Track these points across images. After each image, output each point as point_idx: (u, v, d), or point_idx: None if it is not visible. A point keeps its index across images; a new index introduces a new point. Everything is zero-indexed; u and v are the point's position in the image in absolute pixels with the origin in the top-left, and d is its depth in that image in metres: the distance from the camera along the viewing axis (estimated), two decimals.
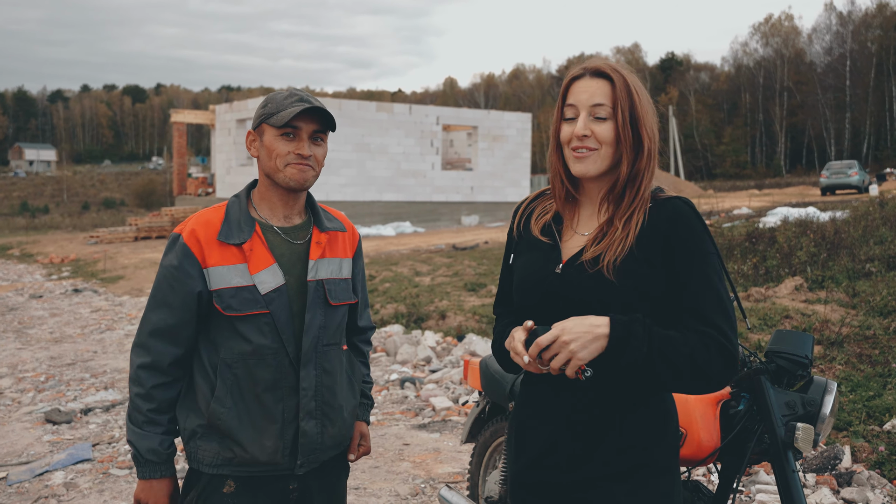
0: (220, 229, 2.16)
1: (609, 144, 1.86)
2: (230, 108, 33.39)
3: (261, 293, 2.14)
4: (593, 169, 1.87)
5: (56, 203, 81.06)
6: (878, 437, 4.76)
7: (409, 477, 4.87)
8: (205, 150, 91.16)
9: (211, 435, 2.16)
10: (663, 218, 1.86)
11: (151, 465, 2.16)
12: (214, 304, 2.13)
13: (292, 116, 2.11)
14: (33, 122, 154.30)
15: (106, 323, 11.27)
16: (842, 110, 75.06)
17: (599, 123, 1.85)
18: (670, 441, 1.92)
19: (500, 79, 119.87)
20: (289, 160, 2.15)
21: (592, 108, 1.86)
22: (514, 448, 2.00)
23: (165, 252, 2.19)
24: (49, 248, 26.74)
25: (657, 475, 1.88)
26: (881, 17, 75.97)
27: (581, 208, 1.98)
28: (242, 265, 2.15)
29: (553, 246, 1.93)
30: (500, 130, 33.97)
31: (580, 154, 1.87)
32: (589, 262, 1.85)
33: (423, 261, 15.32)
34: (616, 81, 1.85)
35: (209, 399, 2.15)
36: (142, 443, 2.15)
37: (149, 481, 2.17)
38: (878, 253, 9.45)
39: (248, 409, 2.15)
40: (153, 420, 2.16)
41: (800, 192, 38.08)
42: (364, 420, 2.54)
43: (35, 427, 6.05)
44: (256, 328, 2.14)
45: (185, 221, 2.21)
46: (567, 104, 1.90)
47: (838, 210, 16.25)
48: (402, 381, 7.23)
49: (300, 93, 2.19)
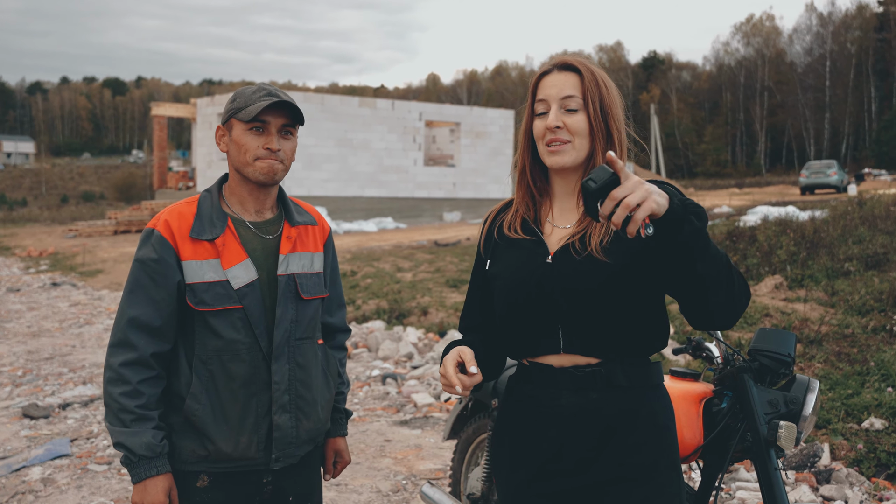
0: (192, 225, 2.14)
1: (581, 136, 1.85)
2: (211, 101, 33.17)
3: (234, 288, 2.13)
4: (569, 160, 1.86)
5: (34, 196, 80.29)
6: (856, 434, 4.80)
7: (390, 473, 4.86)
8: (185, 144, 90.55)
9: (186, 432, 2.15)
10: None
11: (146, 461, 2.08)
12: (186, 299, 2.12)
13: (260, 111, 2.10)
14: (11, 113, 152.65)
15: (85, 317, 11.17)
16: (821, 110, 75.68)
17: (571, 115, 1.85)
18: (674, 435, 1.90)
19: (483, 75, 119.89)
20: (258, 154, 2.14)
21: (563, 101, 1.85)
22: (509, 460, 1.94)
23: (140, 247, 2.16)
24: (27, 241, 26.47)
25: (669, 470, 1.86)
26: (861, 18, 76.68)
27: (555, 203, 1.96)
28: (215, 260, 2.13)
29: (537, 241, 1.91)
30: (482, 127, 33.98)
31: (554, 147, 1.86)
32: (577, 248, 1.83)
33: (405, 257, 15.29)
34: (584, 73, 1.86)
35: (184, 395, 2.14)
36: (133, 440, 2.07)
37: (143, 483, 2.08)
38: (857, 252, 9.53)
39: (222, 406, 2.14)
40: (143, 416, 2.09)
41: (780, 192, 38.38)
42: (340, 435, 2.50)
43: (12, 422, 5.99)
44: (230, 323, 2.13)
45: (157, 216, 2.18)
46: (538, 100, 1.90)
47: (817, 209, 16.38)
48: (383, 377, 7.21)
49: (268, 87, 2.18)
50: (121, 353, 2.11)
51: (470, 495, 3.48)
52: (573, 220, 1.91)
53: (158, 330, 2.12)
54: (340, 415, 2.51)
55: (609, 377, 1.83)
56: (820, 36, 79.50)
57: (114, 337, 2.14)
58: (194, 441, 2.15)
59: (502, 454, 1.97)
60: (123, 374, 2.09)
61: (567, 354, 1.85)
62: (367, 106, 31.19)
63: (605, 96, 1.86)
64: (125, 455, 2.09)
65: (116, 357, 2.11)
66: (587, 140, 1.86)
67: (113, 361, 2.11)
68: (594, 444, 1.82)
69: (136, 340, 2.10)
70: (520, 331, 1.91)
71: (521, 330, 1.91)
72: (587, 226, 1.85)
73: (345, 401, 2.53)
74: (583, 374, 1.83)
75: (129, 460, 2.09)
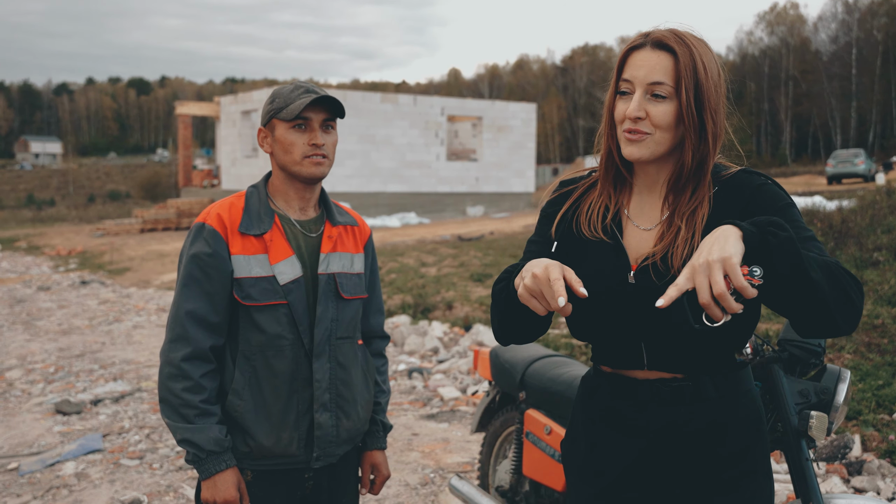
0: (241, 219, 2.16)
1: (665, 129, 1.63)
2: (235, 99, 33.37)
3: (280, 284, 2.14)
4: (646, 153, 1.65)
5: (62, 195, 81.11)
6: (888, 426, 4.76)
7: (418, 467, 4.88)
8: (210, 142, 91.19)
9: (228, 428, 2.15)
10: (736, 196, 1.65)
11: (215, 457, 2.08)
12: (234, 293, 2.13)
13: (303, 108, 2.12)
14: (38, 114, 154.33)
15: (114, 314, 11.30)
16: (847, 99, 74.70)
17: (657, 103, 1.62)
18: (766, 441, 1.76)
19: (505, 69, 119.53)
20: (305, 152, 2.16)
21: (650, 87, 1.62)
22: (584, 468, 1.79)
23: (191, 242, 2.16)
24: (55, 240, 26.80)
25: (762, 479, 1.72)
26: (888, 5, 75.51)
27: (636, 196, 1.76)
28: (263, 255, 2.15)
29: (616, 247, 1.70)
30: (504, 121, 33.91)
31: (632, 136, 1.64)
32: (660, 267, 1.62)
33: (429, 252, 15.31)
34: (680, 56, 1.61)
35: (227, 391, 2.15)
36: (200, 436, 2.06)
37: (213, 478, 2.08)
38: (886, 242, 9.41)
39: (264, 402, 2.15)
40: (207, 411, 2.09)
41: (806, 182, 37.96)
42: (378, 448, 2.45)
43: (45, 418, 6.08)
44: (274, 318, 2.14)
45: (207, 211, 2.20)
46: (622, 78, 1.66)
47: (845, 199, 16.17)
48: (409, 371, 7.24)
49: (305, 84, 2.20)
50: (181, 348, 2.10)
51: (498, 488, 3.49)
52: (652, 221, 1.72)
53: (215, 323, 2.13)
54: (378, 427, 2.45)
55: (698, 390, 1.68)
56: (845, 23, 78.42)
57: (171, 332, 2.13)
58: (236, 437, 2.15)
59: (576, 461, 1.82)
60: (185, 369, 2.08)
61: (651, 370, 1.70)
62: (388, 102, 31.23)
63: (703, 83, 1.61)
64: (192, 452, 2.08)
65: (177, 352, 2.10)
66: (671, 133, 1.64)
67: (173, 357, 2.09)
68: (685, 455, 1.68)
69: (194, 334, 2.10)
70: (599, 341, 1.76)
71: (600, 340, 1.75)
72: (670, 242, 1.64)
73: (384, 412, 2.47)
74: (670, 389, 1.68)
75: (197, 457, 2.08)
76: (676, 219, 1.65)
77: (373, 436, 2.44)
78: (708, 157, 1.65)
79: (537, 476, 3.14)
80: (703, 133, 1.63)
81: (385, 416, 2.49)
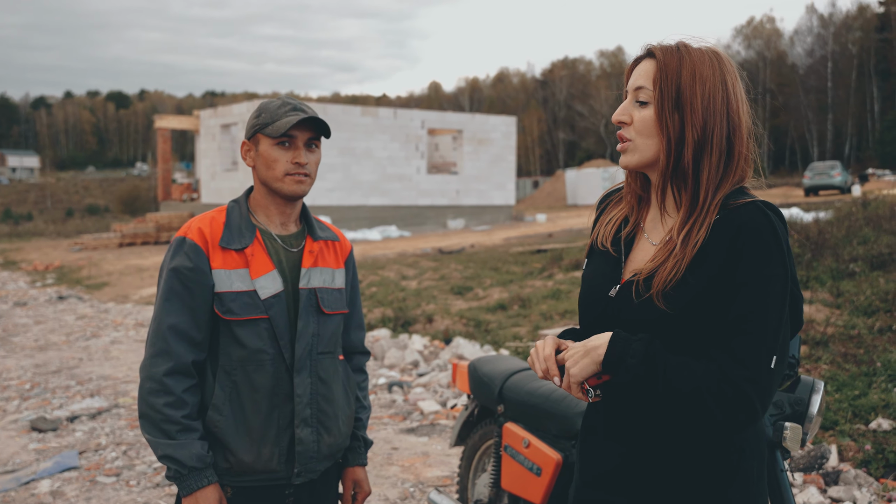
0: (222, 234, 2.15)
1: (644, 135, 1.63)
2: (214, 113, 33.27)
3: (261, 298, 2.14)
4: (632, 161, 1.66)
5: (40, 210, 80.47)
6: (864, 435, 4.80)
7: (397, 481, 4.87)
8: (189, 156, 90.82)
9: (209, 444, 2.14)
10: (727, 233, 1.57)
11: (197, 473, 2.05)
12: (214, 307, 2.12)
13: (289, 127, 2.12)
14: (16, 128, 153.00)
15: (91, 330, 11.20)
16: (824, 112, 75.57)
17: (640, 109, 1.64)
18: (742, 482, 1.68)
19: (485, 82, 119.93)
20: (288, 170, 2.16)
21: (635, 92, 1.64)
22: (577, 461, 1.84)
23: (172, 256, 2.15)
24: (33, 255, 26.54)
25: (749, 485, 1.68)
26: (861, 18, 76.59)
27: (652, 209, 1.74)
28: (244, 270, 2.14)
29: (616, 262, 1.72)
30: (485, 134, 34.02)
31: (620, 146, 1.67)
32: (642, 286, 1.62)
33: (410, 265, 15.31)
34: (659, 60, 1.62)
35: (207, 406, 2.14)
36: (183, 452, 2.04)
37: (194, 494, 2.06)
38: (862, 253, 9.51)
39: (245, 417, 2.13)
40: (189, 427, 2.07)
41: (783, 193, 38.31)
42: (359, 464, 2.44)
43: (21, 435, 6.01)
44: (255, 333, 2.13)
45: (188, 225, 2.18)
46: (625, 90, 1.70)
47: (822, 210, 16.34)
48: (389, 384, 7.22)
49: (292, 101, 2.20)
50: (162, 363, 2.07)
51: (477, 501, 3.48)
52: (661, 236, 1.70)
53: (197, 338, 2.12)
54: (359, 443, 2.44)
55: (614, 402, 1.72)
56: (821, 37, 79.43)
57: (153, 347, 2.10)
58: (216, 453, 2.13)
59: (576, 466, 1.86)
60: (167, 384, 2.06)
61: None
62: (369, 115, 31.26)
63: (684, 86, 1.58)
64: (173, 468, 2.05)
65: (158, 367, 2.07)
66: (653, 140, 1.62)
67: (155, 372, 2.07)
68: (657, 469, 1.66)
69: (177, 348, 2.08)
70: None
71: None
72: (661, 262, 1.62)
73: (365, 427, 2.47)
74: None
75: (179, 473, 2.05)
76: (675, 235, 1.63)
77: (354, 452, 2.43)
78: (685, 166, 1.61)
79: (516, 489, 3.14)
80: (681, 139, 1.60)
81: (366, 432, 2.48)
